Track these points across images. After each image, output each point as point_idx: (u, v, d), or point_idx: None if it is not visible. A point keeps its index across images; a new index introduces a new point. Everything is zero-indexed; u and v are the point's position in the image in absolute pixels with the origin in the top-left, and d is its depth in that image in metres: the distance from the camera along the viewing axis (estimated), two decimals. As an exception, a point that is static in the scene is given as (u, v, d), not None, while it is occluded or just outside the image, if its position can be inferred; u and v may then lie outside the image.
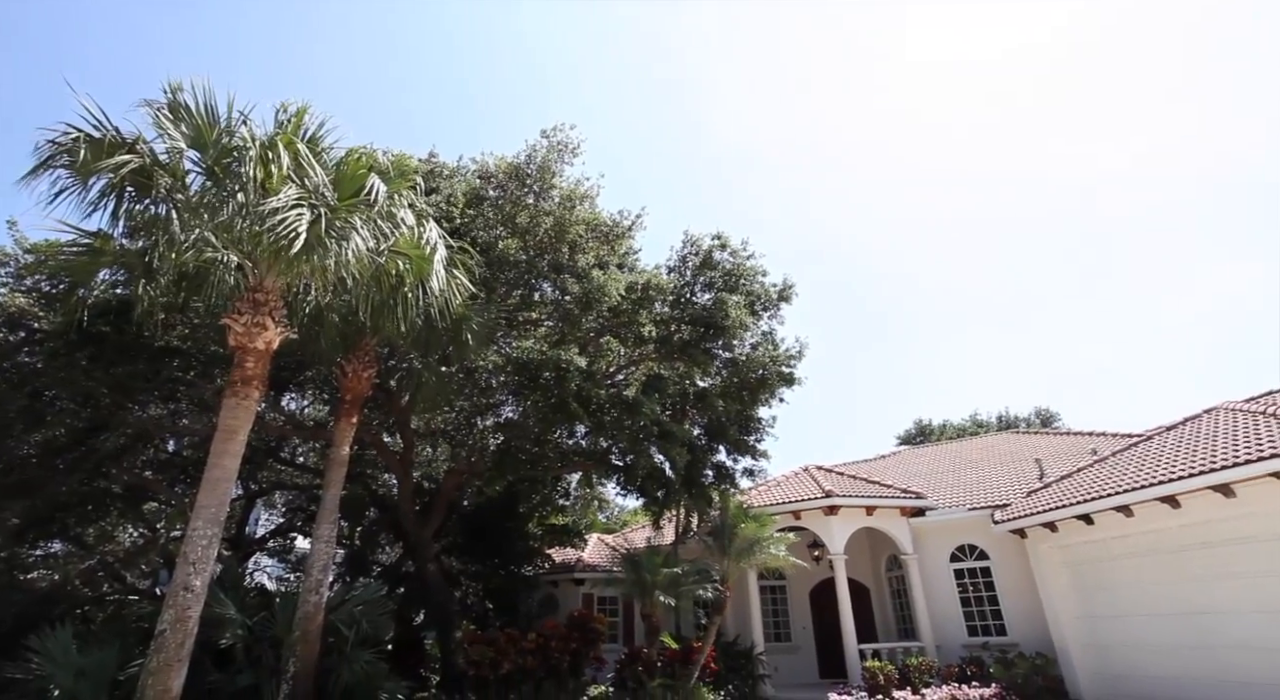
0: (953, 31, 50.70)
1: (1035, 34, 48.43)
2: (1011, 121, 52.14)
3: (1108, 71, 47.56)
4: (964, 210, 53.25)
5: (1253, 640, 8.52)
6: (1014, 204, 51.31)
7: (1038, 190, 49.98)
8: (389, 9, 54.81)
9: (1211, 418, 11.08)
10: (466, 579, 16.99)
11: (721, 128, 57.09)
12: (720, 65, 56.86)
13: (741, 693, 12.08)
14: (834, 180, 57.31)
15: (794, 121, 57.33)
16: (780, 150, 56.60)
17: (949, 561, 13.55)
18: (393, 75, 60.53)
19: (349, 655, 8.45)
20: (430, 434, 15.44)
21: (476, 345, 9.39)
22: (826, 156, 57.54)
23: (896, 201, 55.51)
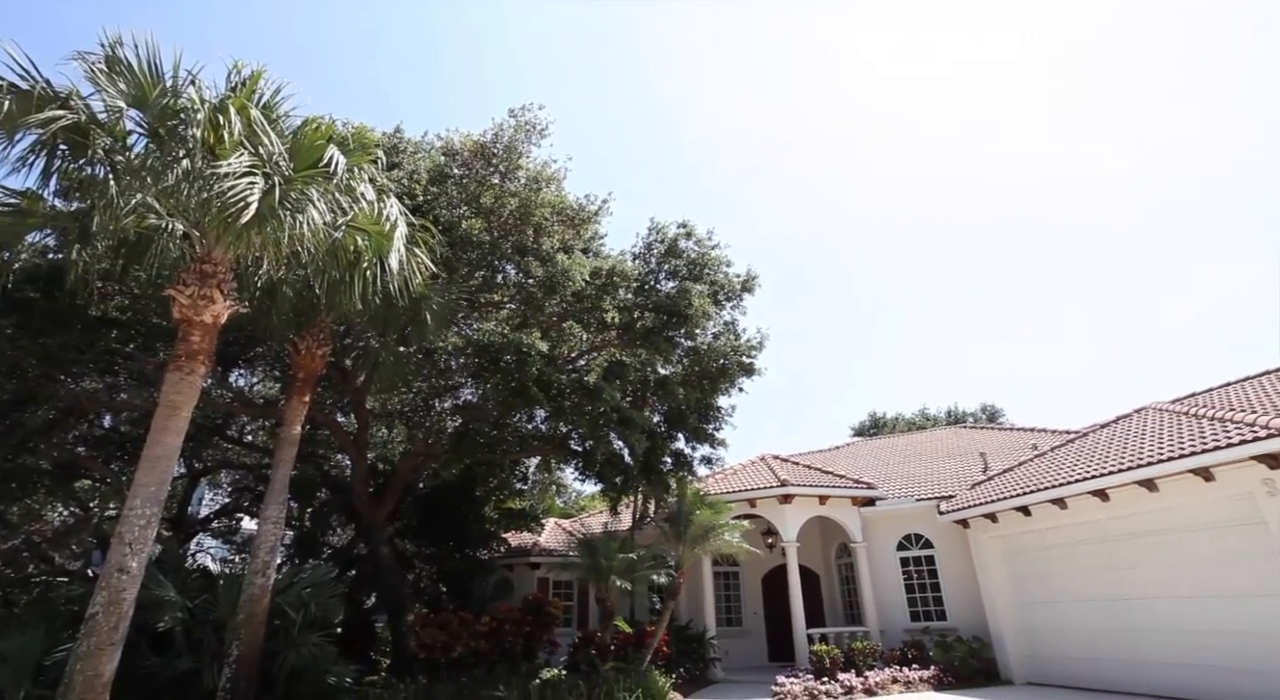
0: (918, 41, 51.66)
1: (999, 44, 49.78)
2: (974, 126, 53.59)
3: (1068, 82, 49.30)
4: (923, 210, 54.66)
5: (1167, 624, 9.12)
6: (970, 206, 52.93)
7: (997, 193, 51.63)
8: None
9: (1141, 417, 11.71)
10: (420, 562, 16.78)
11: (689, 116, 57.02)
12: (690, 55, 56.68)
13: (693, 675, 12.33)
14: (797, 174, 58.01)
15: (759, 115, 57.72)
16: (745, 142, 56.95)
17: (896, 550, 14.04)
18: (360, 46, 58.34)
19: (296, 638, 8.27)
20: (386, 415, 15.13)
21: (436, 326, 9.20)
22: (791, 150, 58.20)
23: (859, 198, 56.58)
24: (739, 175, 56.49)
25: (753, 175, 56.26)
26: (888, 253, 58.52)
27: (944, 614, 13.12)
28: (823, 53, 55.27)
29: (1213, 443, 8.40)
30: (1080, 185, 47.91)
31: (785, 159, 56.36)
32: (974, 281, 56.32)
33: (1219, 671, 8.39)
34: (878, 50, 54.66)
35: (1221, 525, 8.62)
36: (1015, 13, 47.94)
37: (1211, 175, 43.68)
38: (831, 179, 56.19)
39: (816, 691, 10.12)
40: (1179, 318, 49.36)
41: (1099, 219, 48.47)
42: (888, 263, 59.00)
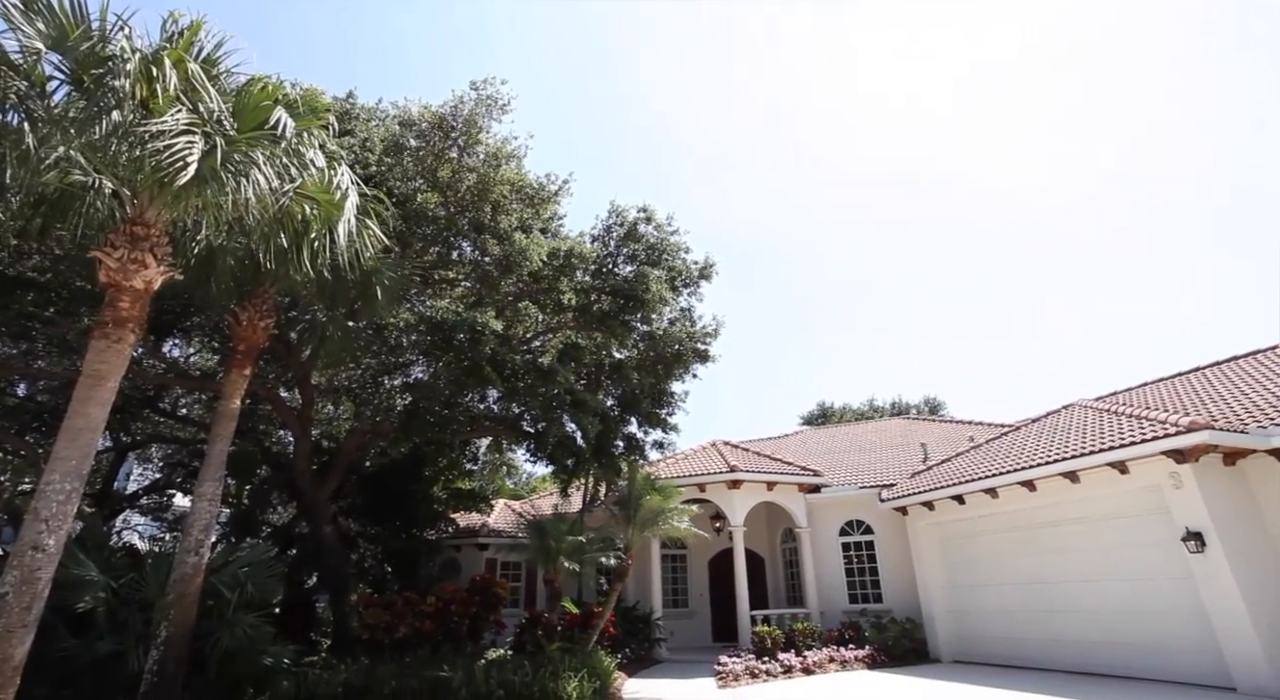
0: (890, 48, 52.52)
1: (965, 54, 51.09)
2: (930, 132, 55.00)
3: (1028, 91, 51.09)
4: (875, 210, 55.97)
5: (1083, 605, 9.75)
6: (919, 208, 54.48)
7: (946, 197, 53.28)
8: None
9: (1068, 413, 12.39)
10: (365, 542, 16.45)
11: (652, 99, 56.65)
12: (659, 40, 56.18)
13: (638, 655, 12.53)
14: (757, 167, 58.51)
15: (724, 106, 57.81)
16: (709, 132, 56.98)
17: (838, 535, 14.52)
18: (310, 6, 55.46)
19: (231, 619, 8.00)
20: (333, 391, 14.67)
21: (387, 301, 8.93)
22: (752, 144, 58.59)
23: (816, 196, 57.51)
24: (701, 163, 56.61)
25: (714, 165, 56.46)
26: (841, 250, 59.85)
27: (880, 597, 13.68)
28: (794, 52, 55.65)
29: (1128, 438, 8.97)
30: (1026, 192, 49.96)
31: (746, 152, 56.73)
32: (923, 280, 58.24)
33: (1124, 648, 9.04)
34: (849, 55, 55.37)
35: (1133, 514, 9.24)
36: (982, 22, 49.24)
37: (1166, 181, 46.22)
38: (791, 175, 56.93)
39: (757, 670, 10.43)
40: (1113, 318, 52.27)
41: (1042, 224, 50.70)
42: (841, 259, 60.36)
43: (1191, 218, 45.39)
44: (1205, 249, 45.65)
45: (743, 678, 10.18)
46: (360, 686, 9.21)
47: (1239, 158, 42.32)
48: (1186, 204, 44.52)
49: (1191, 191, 43.73)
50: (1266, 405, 8.91)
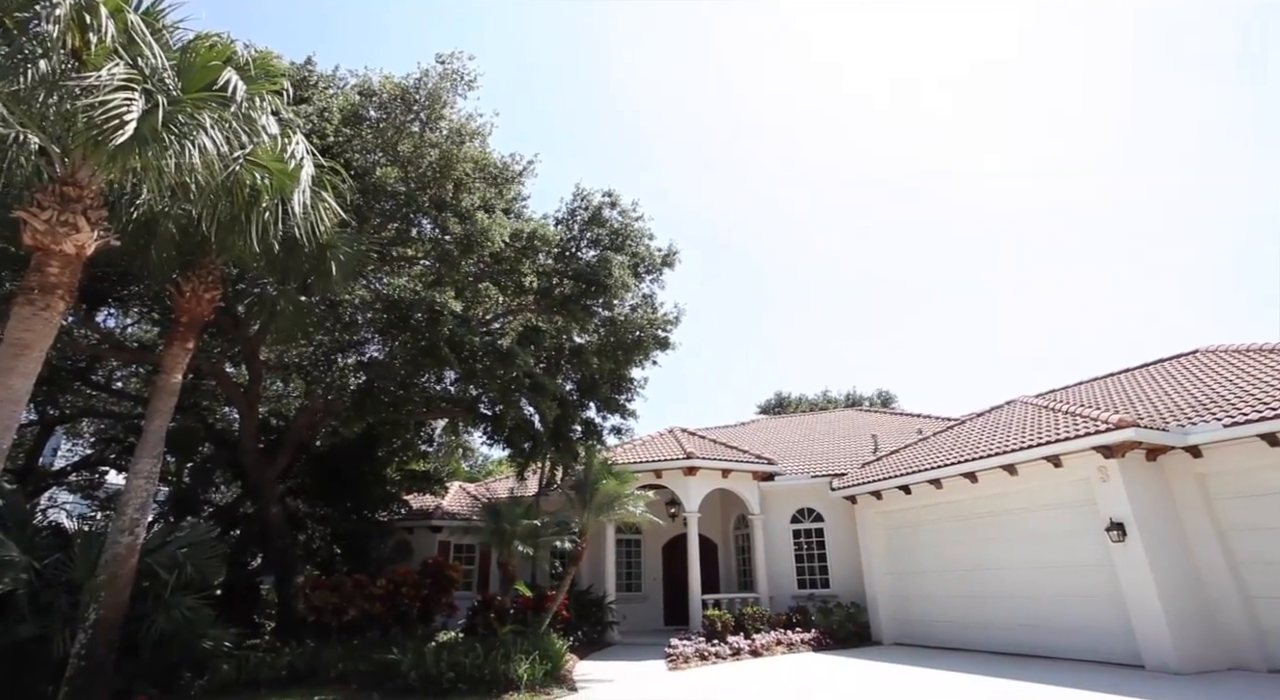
0: (868, 48, 53.12)
1: (937, 57, 52.07)
2: (903, 132, 56.08)
3: (988, 91, 52.48)
4: (839, 206, 56.96)
5: (1015, 590, 10.27)
6: (883, 206, 55.69)
7: (907, 196, 54.53)
8: (264, -124, 47.20)
9: (1010, 408, 12.95)
10: (314, 523, 16.07)
11: (626, 83, 56.12)
12: (637, 24, 55.54)
13: (590, 638, 12.64)
14: (727, 159, 58.70)
15: (698, 95, 57.70)
16: (681, 121, 56.81)
17: (790, 522, 14.88)
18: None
19: (168, 601, 7.74)
20: (282, 368, 14.20)
21: (342, 277, 8.66)
22: (724, 134, 58.71)
23: (782, 191, 58.12)
24: (670, 152, 56.44)
25: (683, 154, 56.37)
26: (802, 243, 60.75)
27: (828, 582, 14.11)
28: (769, 46, 55.76)
29: (1063, 434, 9.43)
30: (992, 193, 51.58)
31: (717, 142, 56.80)
32: (881, 277, 59.67)
33: (1051, 631, 9.57)
34: (826, 53, 55.76)
35: (1065, 505, 9.74)
36: (965, 25, 50.25)
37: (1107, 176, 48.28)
38: (759, 169, 57.32)
39: (707, 652, 10.65)
40: (1059, 317, 54.64)
41: (999, 221, 52.49)
42: (801, 253, 61.30)
43: (1130, 224, 47.72)
44: (1143, 255, 48.08)
45: (693, 660, 10.38)
46: (305, 669, 9.06)
47: (1189, 162, 44.59)
48: (1131, 206, 46.77)
49: (1138, 193, 45.93)
50: (1185, 406, 9.49)
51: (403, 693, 7.98)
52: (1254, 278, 45.11)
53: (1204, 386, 10.07)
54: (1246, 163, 40.19)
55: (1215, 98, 41.11)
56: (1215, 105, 41.90)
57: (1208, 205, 43.82)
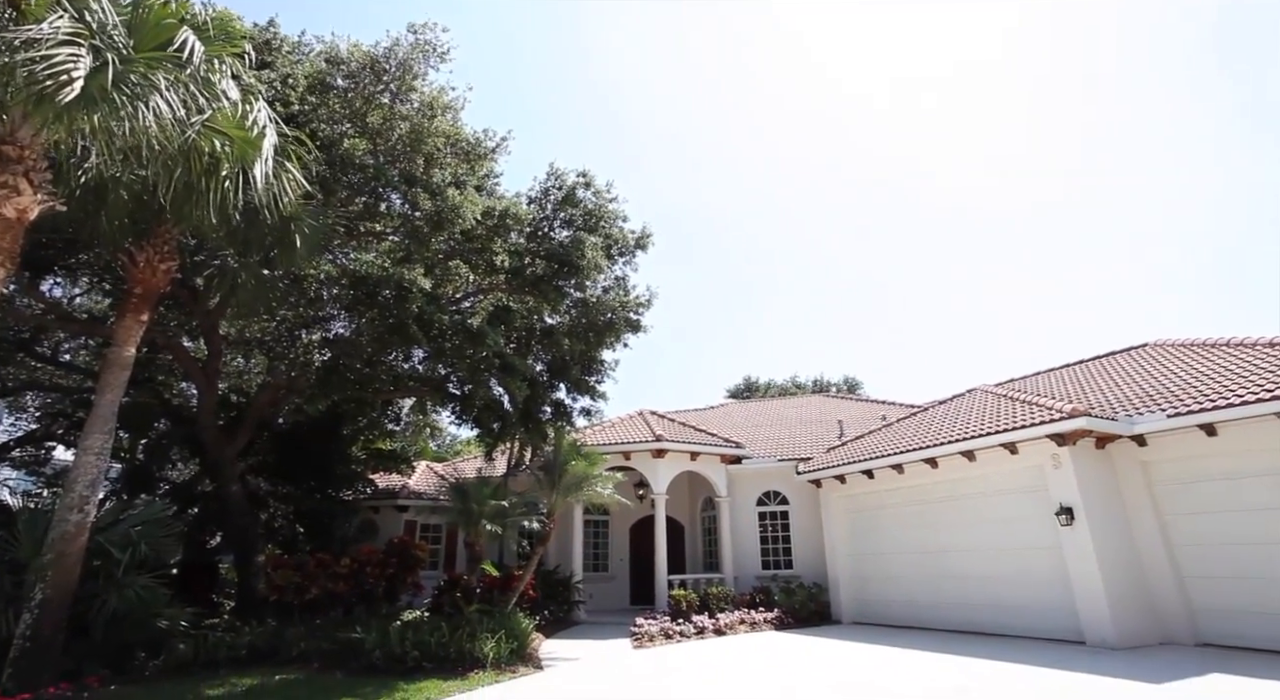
0: (850, 41, 53.06)
1: (919, 55, 52.33)
2: (870, 123, 56.47)
3: (965, 90, 53.10)
4: (812, 196, 57.30)
5: (970, 571, 10.67)
6: (858, 198, 56.20)
7: (878, 188, 55.15)
8: None
9: (971, 397, 13.34)
10: (276, 501, 15.77)
11: (608, 61, 55.23)
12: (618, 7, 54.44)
13: (557, 617, 12.74)
14: (704, 144, 58.42)
15: (677, 75, 57.07)
16: (659, 103, 56.18)
17: (756, 505, 15.16)
18: (224, -89, 49.88)
19: (121, 580, 7.55)
20: (243, 343, 13.80)
21: (307, 251, 8.42)
22: (701, 119, 58.31)
23: (758, 179, 58.18)
24: (648, 134, 55.88)
25: (661, 137, 55.88)
26: (775, 230, 61.07)
27: (791, 564, 14.45)
28: (748, 35, 55.31)
29: (1019, 422, 9.77)
30: (964, 190, 52.48)
31: (695, 126, 56.42)
32: (852, 265, 60.46)
33: (1002, 610, 9.99)
34: (807, 44, 55.57)
35: (1019, 490, 10.12)
36: (953, 24, 50.55)
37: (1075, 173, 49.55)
38: (736, 155, 57.19)
39: (671, 631, 10.84)
40: (1022, 310, 56.24)
41: (967, 216, 53.52)
42: (774, 239, 61.66)
43: (1093, 222, 49.16)
44: (1105, 252, 49.68)
45: (658, 638, 10.56)
46: (267, 648, 8.96)
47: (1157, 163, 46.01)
48: (1097, 205, 48.15)
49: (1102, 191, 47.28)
50: (1134, 397, 9.90)
51: (367, 671, 7.95)
52: (1220, 276, 47.00)
53: (1151, 379, 10.51)
54: (1216, 162, 41.69)
55: (1187, 101, 42.40)
56: (1187, 108, 43.22)
57: (1174, 205, 45.39)
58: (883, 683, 6.98)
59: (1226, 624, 8.16)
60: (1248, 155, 38.27)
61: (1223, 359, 9.90)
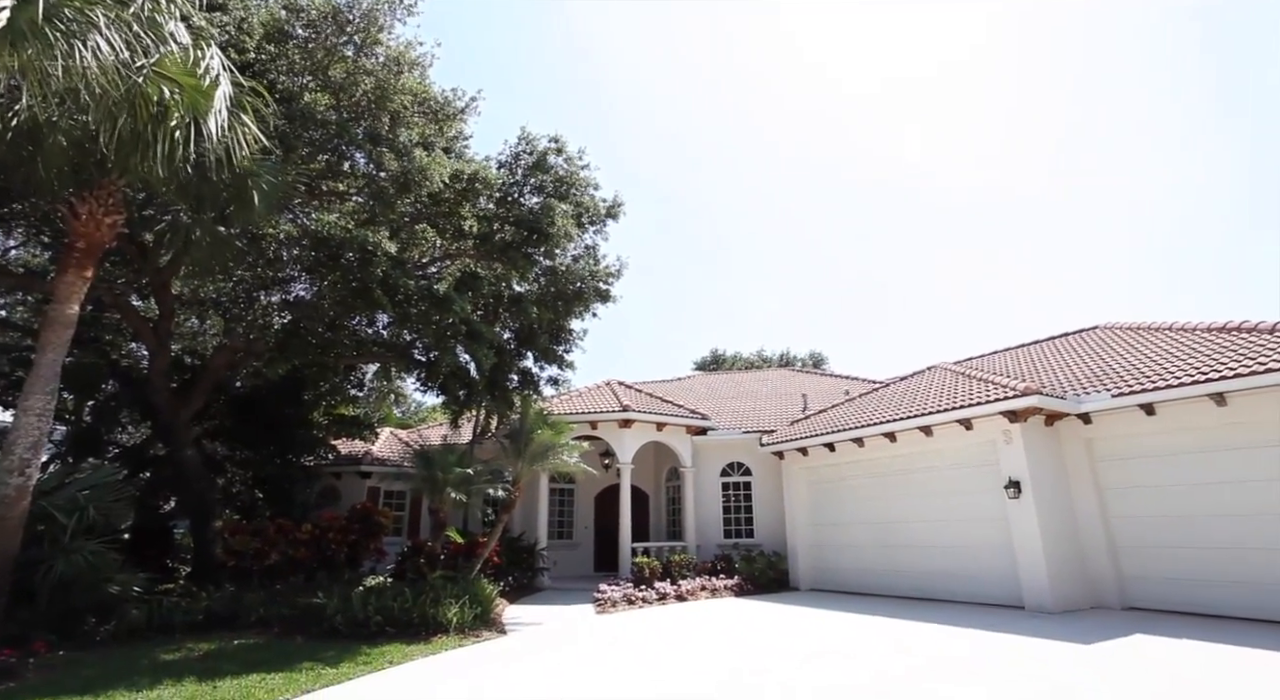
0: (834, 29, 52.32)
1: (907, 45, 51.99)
2: (847, 112, 56.32)
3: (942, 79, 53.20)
4: (786, 175, 57.23)
5: (922, 541, 11.12)
6: (838, 175, 56.36)
7: (848, 168, 55.38)
8: None
9: (930, 374, 13.71)
10: (233, 466, 15.43)
11: (588, 25, 53.61)
12: None
13: (521, 583, 12.88)
14: (680, 113, 57.57)
15: (656, 45, 55.76)
16: (636, 68, 54.93)
17: (720, 475, 15.44)
18: None
19: (67, 545, 7.33)
20: (198, 303, 13.30)
21: (266, 208, 8.08)
22: (676, 89, 57.32)
23: (733, 153, 57.78)
24: (623, 102, 54.70)
25: (636, 104, 54.79)
26: (747, 205, 61.02)
27: (753, 533, 14.84)
28: (727, 16, 54.07)
29: (975, 399, 10.11)
30: (937, 174, 53.04)
31: (664, 95, 55.44)
32: (820, 242, 60.96)
33: (952, 578, 10.47)
34: (786, 27, 54.63)
35: (971, 465, 10.52)
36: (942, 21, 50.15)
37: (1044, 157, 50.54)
38: (711, 131, 56.57)
39: (634, 597, 11.08)
40: (984, 293, 57.72)
41: (936, 204, 54.29)
42: (745, 214, 61.65)
43: (1054, 212, 50.44)
44: (1072, 235, 51.15)
45: (620, 604, 10.78)
46: (225, 613, 8.86)
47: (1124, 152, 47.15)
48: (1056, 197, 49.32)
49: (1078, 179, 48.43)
50: (1082, 377, 10.33)
51: (328, 636, 7.94)
52: (1174, 260, 48.79)
53: (1099, 360, 10.95)
54: (1172, 160, 42.97)
55: (1152, 101, 43.35)
56: (1152, 108, 44.20)
57: (1137, 194, 46.74)
58: (834, 644, 7.28)
59: (1151, 589, 8.74)
60: (1206, 146, 39.58)
61: (1166, 342, 10.36)
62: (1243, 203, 41.19)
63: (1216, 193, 41.14)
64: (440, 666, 6.61)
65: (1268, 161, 39.31)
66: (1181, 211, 43.19)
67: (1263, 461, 7.96)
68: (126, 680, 5.79)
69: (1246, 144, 38.55)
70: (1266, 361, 7.79)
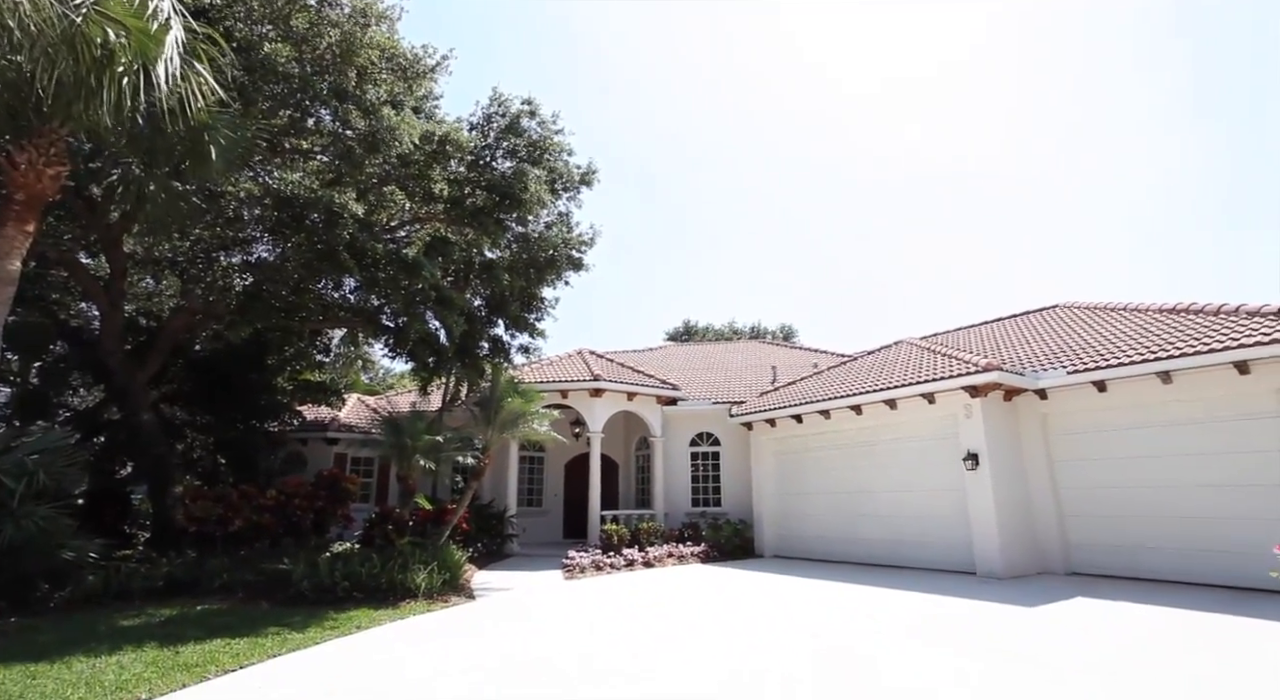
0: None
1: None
2: (829, 87, 55.83)
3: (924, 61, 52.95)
4: (767, 148, 56.86)
5: (884, 511, 11.50)
6: (812, 150, 56.19)
7: (835, 142, 55.24)
8: None
9: (898, 349, 14.00)
10: (194, 432, 15.05)
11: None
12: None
13: (490, 550, 12.98)
14: (662, 77, 56.43)
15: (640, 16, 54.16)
16: (622, 36, 53.37)
17: (689, 445, 15.66)
18: None
19: (16, 510, 7.11)
20: (152, 262, 12.75)
21: (224, 164, 7.71)
22: (654, 54, 55.98)
23: (715, 122, 57.01)
24: (603, 64, 53.27)
25: (615, 66, 53.42)
26: (724, 177, 60.62)
27: (720, 501, 15.15)
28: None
29: (938, 374, 10.38)
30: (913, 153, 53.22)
31: (646, 64, 54.14)
32: (796, 216, 61.10)
33: (910, 545, 10.88)
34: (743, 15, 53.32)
35: (933, 437, 10.86)
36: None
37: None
38: (689, 102, 55.62)
39: (602, 563, 11.27)
40: (951, 270, 58.77)
41: (911, 181, 54.66)
42: (723, 186, 61.29)
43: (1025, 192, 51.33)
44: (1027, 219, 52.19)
45: (588, 570, 10.96)
46: (187, 579, 8.76)
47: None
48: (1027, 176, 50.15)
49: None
50: (1040, 354, 10.68)
51: (294, 602, 7.91)
52: (1137, 241, 50.17)
53: (1057, 337, 11.31)
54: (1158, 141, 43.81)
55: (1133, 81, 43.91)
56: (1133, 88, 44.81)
57: (1105, 177, 47.70)
58: (795, 606, 7.54)
59: (1094, 556, 9.25)
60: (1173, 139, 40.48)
61: (1120, 322, 10.73)
62: (1222, 196, 42.49)
63: (1197, 185, 42.34)
64: (409, 630, 6.66)
65: (1248, 155, 40.49)
66: (1166, 202, 44.38)
67: (1202, 436, 8.41)
68: (84, 646, 5.71)
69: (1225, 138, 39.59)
70: (1210, 342, 8.16)
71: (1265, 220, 40.99)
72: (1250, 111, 36.56)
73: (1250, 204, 40.88)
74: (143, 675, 4.85)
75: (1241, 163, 39.57)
